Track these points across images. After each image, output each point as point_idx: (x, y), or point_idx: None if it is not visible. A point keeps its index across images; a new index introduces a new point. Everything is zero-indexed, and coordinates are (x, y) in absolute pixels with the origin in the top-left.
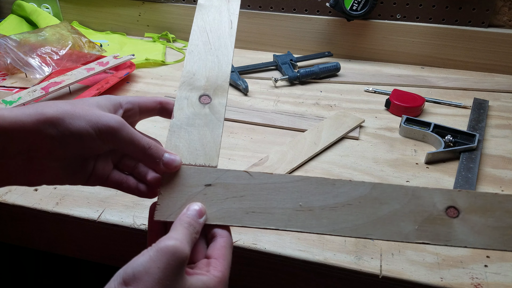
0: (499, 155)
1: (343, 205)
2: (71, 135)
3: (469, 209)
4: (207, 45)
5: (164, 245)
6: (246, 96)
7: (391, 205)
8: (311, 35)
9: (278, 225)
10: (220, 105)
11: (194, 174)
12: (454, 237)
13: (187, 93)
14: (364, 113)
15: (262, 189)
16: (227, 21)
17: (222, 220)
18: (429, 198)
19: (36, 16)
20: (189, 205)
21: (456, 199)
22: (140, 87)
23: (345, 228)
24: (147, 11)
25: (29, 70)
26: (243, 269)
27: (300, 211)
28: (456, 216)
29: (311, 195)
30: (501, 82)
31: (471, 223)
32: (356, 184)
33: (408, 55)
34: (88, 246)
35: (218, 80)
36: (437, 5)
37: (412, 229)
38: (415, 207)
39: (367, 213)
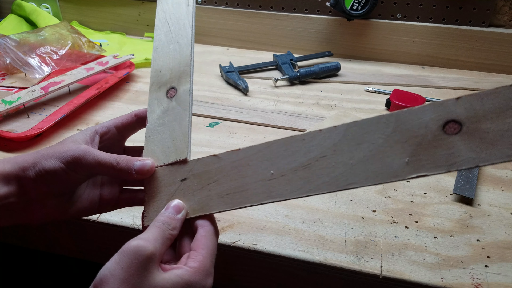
0: None
1: (316, 159)
2: (47, 173)
3: (476, 117)
4: (168, 35)
5: (127, 246)
6: (246, 96)
7: (371, 142)
8: (311, 35)
9: (253, 201)
10: (184, 92)
11: (169, 173)
12: (459, 158)
13: (156, 93)
14: (365, 113)
15: (233, 168)
16: (184, 1)
17: (201, 210)
18: (417, 120)
19: (35, 15)
20: (168, 203)
21: (456, 110)
22: (140, 86)
23: (322, 184)
24: (147, 10)
25: (29, 70)
26: (243, 269)
27: (273, 180)
28: (458, 132)
29: (282, 159)
30: (502, 82)
31: (481, 134)
32: (328, 131)
33: (409, 55)
34: (88, 246)
35: (180, 66)
36: (437, 4)
37: (401, 163)
38: (401, 136)
39: (344, 159)
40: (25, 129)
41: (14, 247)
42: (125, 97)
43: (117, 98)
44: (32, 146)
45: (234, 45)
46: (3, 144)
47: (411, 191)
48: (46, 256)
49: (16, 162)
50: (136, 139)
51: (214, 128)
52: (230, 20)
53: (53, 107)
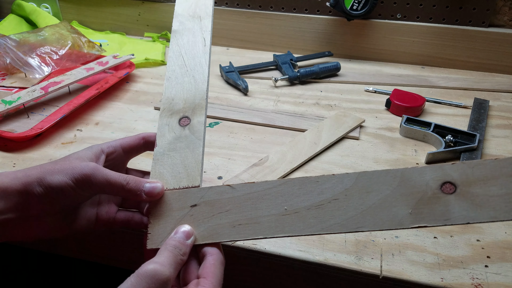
0: (500, 155)
1: (329, 201)
2: (52, 190)
3: (467, 181)
4: (183, 68)
5: (143, 269)
6: (246, 96)
7: (380, 192)
8: (311, 35)
9: (266, 234)
10: (199, 123)
11: (179, 197)
12: (454, 214)
13: (167, 119)
14: (365, 113)
15: (246, 199)
16: (200, 40)
17: (210, 238)
18: (420, 177)
19: (35, 15)
20: (177, 228)
21: (451, 173)
22: (140, 87)
23: (333, 224)
24: (147, 10)
25: (29, 70)
26: (243, 269)
27: (287, 215)
28: (453, 192)
29: (296, 197)
30: (502, 82)
31: (471, 196)
32: (340, 177)
33: (409, 55)
34: (88, 246)
35: (195, 99)
36: (437, 4)
37: (405, 214)
38: (406, 190)
39: (355, 204)
40: (25, 129)
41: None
42: (125, 97)
43: (117, 98)
44: (32, 146)
45: (234, 45)
46: (3, 144)
47: None
48: (46, 256)
49: (16, 177)
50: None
51: (214, 128)
52: (230, 20)
53: (53, 107)
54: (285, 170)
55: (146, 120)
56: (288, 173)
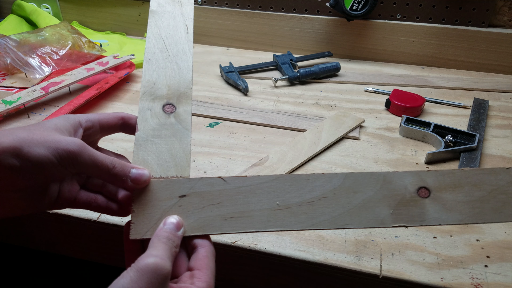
0: (499, 155)
1: (319, 198)
2: (31, 164)
3: (439, 187)
4: (164, 52)
5: (144, 263)
6: (246, 96)
7: (365, 193)
8: (311, 35)
9: (258, 227)
10: (185, 112)
11: (166, 186)
12: (428, 216)
13: (149, 103)
14: (364, 113)
15: (238, 193)
16: (182, 26)
17: (201, 229)
18: (400, 181)
19: (36, 16)
20: (165, 219)
21: (426, 179)
22: (140, 87)
23: (323, 221)
24: (147, 11)
25: (29, 70)
26: (243, 269)
27: (278, 210)
28: (427, 196)
29: (287, 193)
30: (501, 82)
31: (442, 201)
32: (330, 176)
33: (408, 55)
34: (88, 246)
35: (180, 87)
36: (437, 5)
37: (387, 214)
38: (387, 192)
39: (343, 203)
40: None
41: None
42: (126, 97)
43: (117, 98)
44: None
45: (234, 45)
46: None
47: None
48: (46, 256)
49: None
50: None
51: (214, 128)
52: (230, 20)
53: (53, 107)
54: (285, 170)
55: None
56: (288, 172)
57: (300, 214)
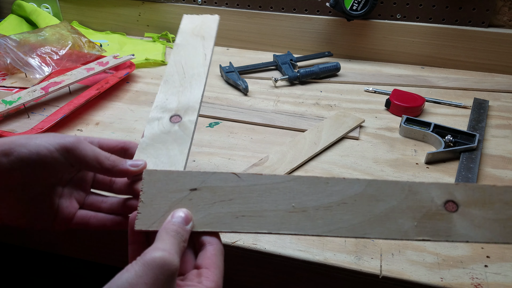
0: (499, 155)
1: (338, 204)
2: (29, 153)
3: (468, 202)
4: (181, 75)
5: (150, 257)
6: (246, 96)
7: (388, 202)
8: (311, 35)
9: (271, 229)
10: (189, 122)
11: (177, 178)
12: (455, 232)
13: (159, 114)
14: (364, 113)
15: (252, 191)
16: (201, 55)
17: (210, 226)
18: (426, 193)
19: (36, 16)
20: (173, 212)
21: (454, 193)
22: (140, 87)
23: (341, 228)
24: (147, 11)
25: (29, 70)
26: (243, 269)
27: (293, 213)
28: (455, 210)
29: (304, 195)
30: (501, 82)
31: (471, 217)
32: (351, 182)
33: (408, 55)
34: (88, 246)
35: (189, 102)
36: (437, 5)
37: (411, 226)
38: (412, 203)
39: (363, 211)
40: (25, 129)
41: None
42: (126, 97)
43: (118, 98)
44: None
45: (234, 45)
46: None
47: None
48: (46, 256)
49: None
50: None
51: (214, 128)
52: (230, 20)
53: (53, 107)
54: (285, 170)
55: (146, 120)
56: (288, 173)
57: (317, 218)
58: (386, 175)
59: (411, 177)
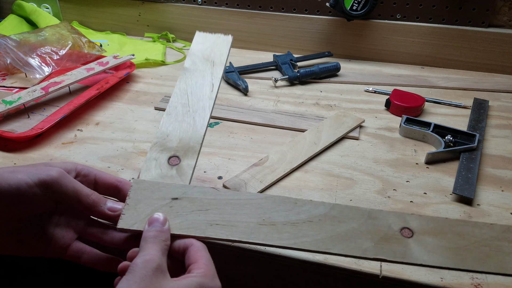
0: (499, 155)
1: (304, 221)
2: (9, 187)
3: (422, 231)
4: (185, 107)
5: (133, 264)
6: (246, 96)
7: (349, 224)
8: (311, 35)
9: (241, 237)
10: (188, 167)
11: (162, 188)
12: (410, 255)
13: (157, 154)
14: (364, 113)
15: (227, 204)
16: (209, 84)
17: (185, 230)
18: (384, 219)
19: (36, 16)
20: (149, 218)
21: (410, 222)
22: (140, 87)
23: (305, 242)
24: (147, 11)
25: (29, 70)
26: (243, 269)
27: (263, 225)
28: (410, 237)
29: (274, 212)
30: (501, 82)
31: (425, 244)
32: (317, 204)
33: (408, 55)
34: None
35: (190, 141)
36: (437, 5)
37: (369, 246)
38: (371, 227)
39: (327, 229)
40: (25, 129)
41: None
42: (126, 97)
43: (118, 98)
44: (33, 146)
45: (234, 45)
46: (3, 144)
47: (411, 191)
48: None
49: None
50: None
51: (214, 128)
52: (230, 20)
53: (53, 107)
54: (285, 170)
55: (146, 120)
56: (288, 173)
57: (284, 232)
58: (386, 175)
59: (411, 177)
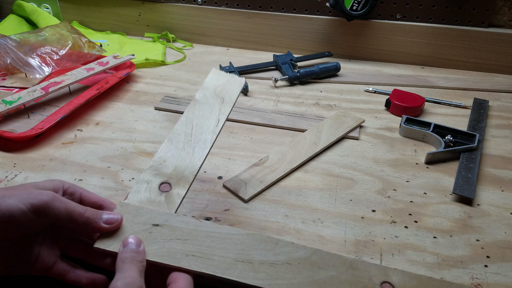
0: (499, 155)
1: (283, 263)
2: (1, 213)
3: (404, 287)
4: (188, 136)
5: (113, 287)
6: (246, 96)
7: (328, 271)
8: (311, 35)
9: (216, 271)
10: (177, 196)
11: (145, 214)
12: None
13: (150, 177)
14: (364, 113)
15: (207, 236)
16: (215, 119)
17: (161, 258)
18: (365, 271)
19: (36, 16)
20: (123, 241)
21: (392, 276)
22: (140, 87)
23: (280, 284)
24: (147, 11)
25: (29, 70)
26: None
27: (240, 262)
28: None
29: (253, 249)
30: (501, 82)
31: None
32: (298, 247)
33: (408, 55)
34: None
35: (185, 171)
36: (437, 5)
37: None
38: (351, 277)
39: (305, 274)
40: (25, 129)
41: None
42: (126, 97)
43: (118, 98)
44: (33, 146)
45: (234, 45)
46: (3, 144)
47: (411, 191)
48: None
49: None
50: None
51: None
52: (230, 20)
53: (53, 107)
54: (285, 170)
55: (146, 120)
56: (288, 173)
57: (260, 271)
58: (386, 175)
59: (411, 177)
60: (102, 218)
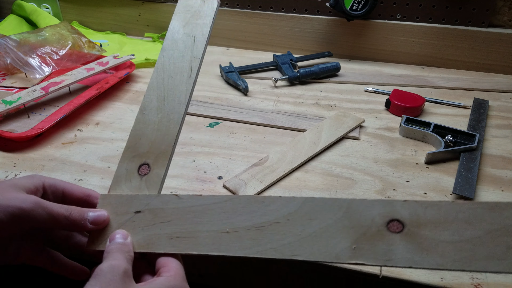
0: (499, 155)
1: (270, 223)
2: None
3: (417, 222)
4: (160, 101)
5: (99, 269)
6: (246, 96)
7: (322, 221)
8: (311, 35)
9: (201, 250)
10: (157, 176)
11: (126, 202)
12: (396, 255)
13: (128, 163)
14: (364, 113)
15: (190, 212)
16: (187, 69)
17: (146, 247)
18: (366, 211)
19: (36, 16)
20: (110, 236)
21: (401, 211)
22: (140, 87)
23: (269, 249)
24: (147, 11)
25: (29, 70)
26: (242, 269)
27: (224, 233)
28: (399, 231)
29: (238, 215)
30: (501, 82)
31: (419, 239)
32: (287, 200)
33: (408, 55)
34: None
35: (162, 144)
36: (437, 5)
37: (344, 247)
38: (349, 222)
39: (295, 231)
40: (25, 129)
41: None
42: (126, 97)
43: (118, 98)
44: (33, 146)
45: (234, 45)
46: (3, 144)
47: (411, 191)
48: None
49: None
50: None
51: (214, 128)
52: (230, 20)
53: (53, 107)
54: (285, 170)
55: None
56: (288, 173)
57: (246, 239)
58: (386, 175)
59: (411, 177)
60: (88, 219)
